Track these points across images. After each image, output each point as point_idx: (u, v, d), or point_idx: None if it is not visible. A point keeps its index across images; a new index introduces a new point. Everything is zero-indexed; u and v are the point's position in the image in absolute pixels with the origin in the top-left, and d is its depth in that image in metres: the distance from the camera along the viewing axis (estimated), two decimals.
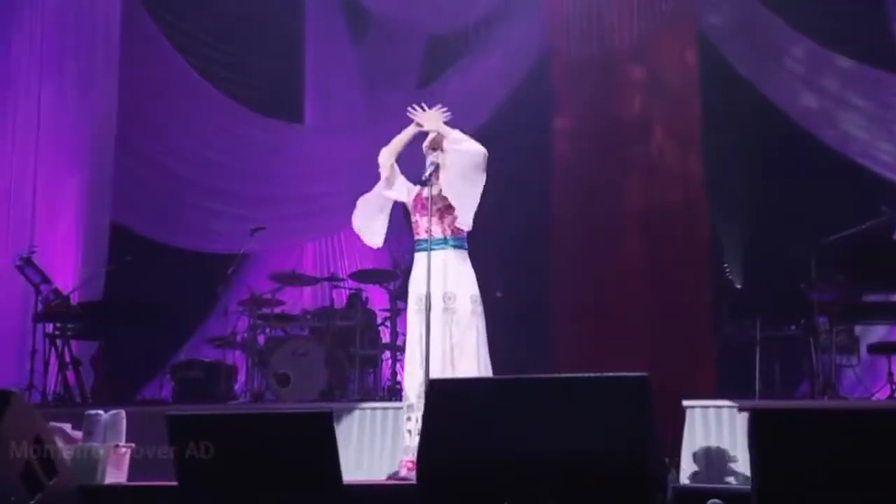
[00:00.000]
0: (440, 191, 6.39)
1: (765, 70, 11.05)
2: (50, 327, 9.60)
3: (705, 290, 10.35)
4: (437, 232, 6.28)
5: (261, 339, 9.76)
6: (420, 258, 6.28)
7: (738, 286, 9.77)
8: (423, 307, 6.07)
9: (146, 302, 10.18)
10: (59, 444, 5.59)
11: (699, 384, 10.14)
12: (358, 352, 9.26)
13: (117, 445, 5.86)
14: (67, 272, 10.30)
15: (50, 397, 9.39)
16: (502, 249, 11.45)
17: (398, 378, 9.37)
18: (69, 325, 9.68)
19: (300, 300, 11.21)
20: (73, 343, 9.78)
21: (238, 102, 11.58)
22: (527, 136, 11.33)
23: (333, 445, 4.35)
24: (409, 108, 6.60)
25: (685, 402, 7.96)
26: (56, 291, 9.56)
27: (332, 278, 10.50)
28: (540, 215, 11.26)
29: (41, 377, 9.46)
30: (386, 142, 11.44)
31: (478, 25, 11.54)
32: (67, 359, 9.54)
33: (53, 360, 9.51)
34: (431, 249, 6.16)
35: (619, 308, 10.80)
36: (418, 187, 6.52)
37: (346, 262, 11.54)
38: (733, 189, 10.79)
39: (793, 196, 10.56)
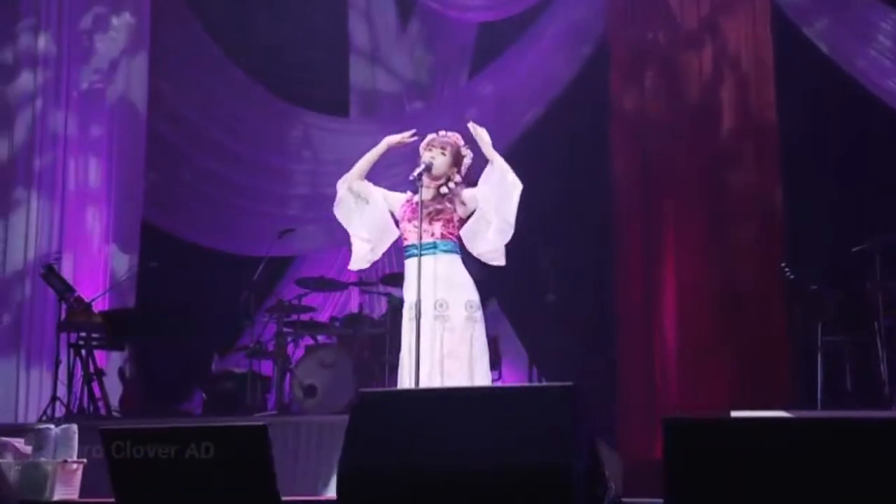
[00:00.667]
0: (433, 195, 6.33)
1: (850, 47, 10.63)
2: (74, 337, 9.74)
3: (779, 290, 10.04)
4: (427, 237, 6.22)
5: (292, 347, 9.77)
6: (410, 264, 6.25)
7: (814, 286, 9.39)
8: (413, 315, 6.06)
9: (176, 309, 10.25)
10: (9, 459, 5.67)
11: (775, 393, 9.93)
12: (389, 360, 9.18)
13: (65, 461, 5.91)
14: (98, 277, 10.45)
15: (74, 410, 9.52)
16: (559, 249, 11.25)
17: None
18: (93, 335, 9.80)
19: (347, 306, 11.17)
20: (100, 353, 9.90)
21: (278, 95, 11.58)
22: (586, 126, 11.11)
23: (269, 459, 4.35)
24: (470, 125, 6.38)
25: (733, 414, 7.70)
26: (79, 300, 9.69)
27: (361, 283, 10.41)
28: (601, 210, 11.03)
29: (69, 389, 9.62)
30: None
31: (532, 11, 11.39)
32: (92, 370, 9.67)
33: (79, 371, 9.65)
34: (421, 255, 6.12)
35: (686, 309, 10.61)
36: (406, 193, 6.44)
37: (395, 266, 11.38)
38: (812, 180, 10.39)
39: (880, 188, 10.13)
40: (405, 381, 6.10)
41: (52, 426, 6.22)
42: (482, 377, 6.16)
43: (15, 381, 10.30)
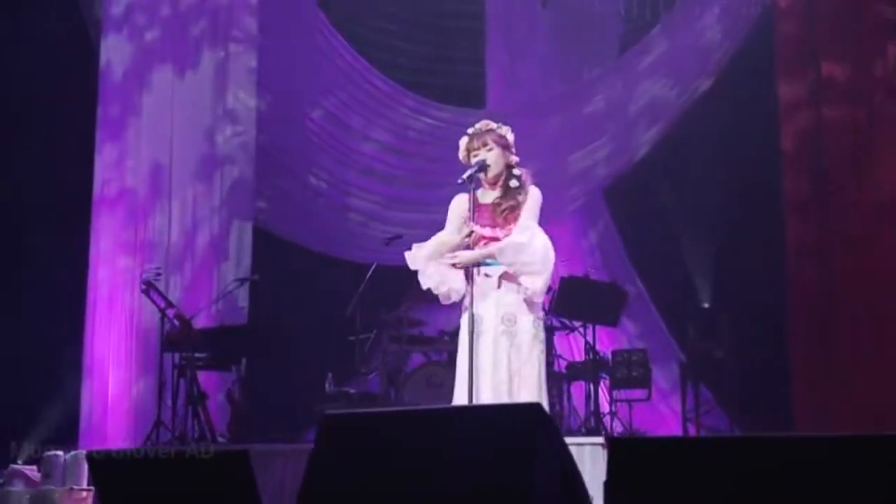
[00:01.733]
0: (503, 192, 6.06)
1: None
2: (177, 357, 9.72)
3: None
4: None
5: (402, 364, 9.57)
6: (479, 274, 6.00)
7: None
8: (468, 330, 5.92)
9: (289, 324, 10.14)
10: (20, 488, 5.76)
11: None
12: None
13: (72, 489, 5.98)
14: (208, 292, 10.45)
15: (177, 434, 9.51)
16: (719, 249, 10.80)
17: (556, 408, 8.95)
18: (197, 355, 9.73)
19: (458, 319, 10.82)
20: (203, 374, 9.83)
21: (405, 87, 11.34)
22: (750, 106, 10.70)
23: (251, 486, 4.28)
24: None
25: None
26: (179, 317, 9.66)
27: None
28: (770, 204, 10.47)
29: (173, 412, 9.63)
30: (584, 121, 11.10)
31: None
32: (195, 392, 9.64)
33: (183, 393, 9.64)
34: (482, 264, 5.96)
35: (875, 311, 9.78)
36: (465, 195, 6.12)
37: None
38: None
39: None
40: (461, 402, 5.90)
41: (60, 453, 6.27)
42: (543, 398, 5.93)
43: (127, 401, 10.40)
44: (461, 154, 6.16)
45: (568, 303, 9.45)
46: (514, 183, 6.04)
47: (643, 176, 11.19)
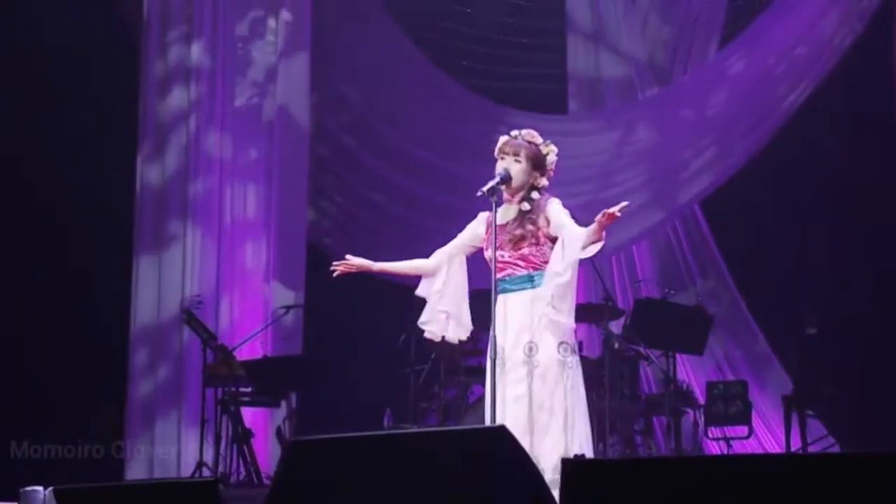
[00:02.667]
0: (515, 214, 5.90)
1: None
2: (220, 392, 9.31)
3: None
4: (514, 269, 5.85)
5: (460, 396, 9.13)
6: (498, 301, 5.82)
7: None
8: (490, 358, 5.79)
9: (344, 354, 9.84)
10: None
11: None
12: None
13: None
14: (258, 320, 10.02)
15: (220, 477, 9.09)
16: (830, 267, 10.18)
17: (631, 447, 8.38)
18: (241, 389, 9.39)
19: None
20: (250, 410, 9.57)
21: (477, 92, 10.88)
22: (867, 108, 10.18)
23: None
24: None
25: None
26: (222, 348, 9.26)
27: None
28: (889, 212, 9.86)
29: (216, 452, 9.24)
30: (678, 126, 10.43)
31: None
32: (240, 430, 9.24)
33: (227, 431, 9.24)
34: (506, 291, 5.81)
35: None
36: (486, 215, 5.99)
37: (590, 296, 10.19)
38: None
39: None
40: None
41: (39, 488, 6.28)
42: (581, 431, 5.78)
43: (176, 442, 10.00)
44: (495, 151, 5.98)
45: (644, 328, 8.78)
46: (525, 206, 5.87)
47: (744, 185, 10.47)
